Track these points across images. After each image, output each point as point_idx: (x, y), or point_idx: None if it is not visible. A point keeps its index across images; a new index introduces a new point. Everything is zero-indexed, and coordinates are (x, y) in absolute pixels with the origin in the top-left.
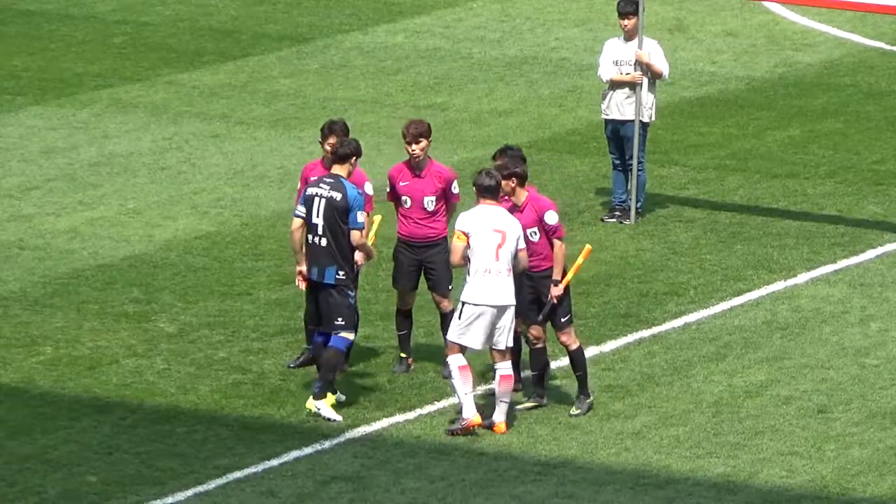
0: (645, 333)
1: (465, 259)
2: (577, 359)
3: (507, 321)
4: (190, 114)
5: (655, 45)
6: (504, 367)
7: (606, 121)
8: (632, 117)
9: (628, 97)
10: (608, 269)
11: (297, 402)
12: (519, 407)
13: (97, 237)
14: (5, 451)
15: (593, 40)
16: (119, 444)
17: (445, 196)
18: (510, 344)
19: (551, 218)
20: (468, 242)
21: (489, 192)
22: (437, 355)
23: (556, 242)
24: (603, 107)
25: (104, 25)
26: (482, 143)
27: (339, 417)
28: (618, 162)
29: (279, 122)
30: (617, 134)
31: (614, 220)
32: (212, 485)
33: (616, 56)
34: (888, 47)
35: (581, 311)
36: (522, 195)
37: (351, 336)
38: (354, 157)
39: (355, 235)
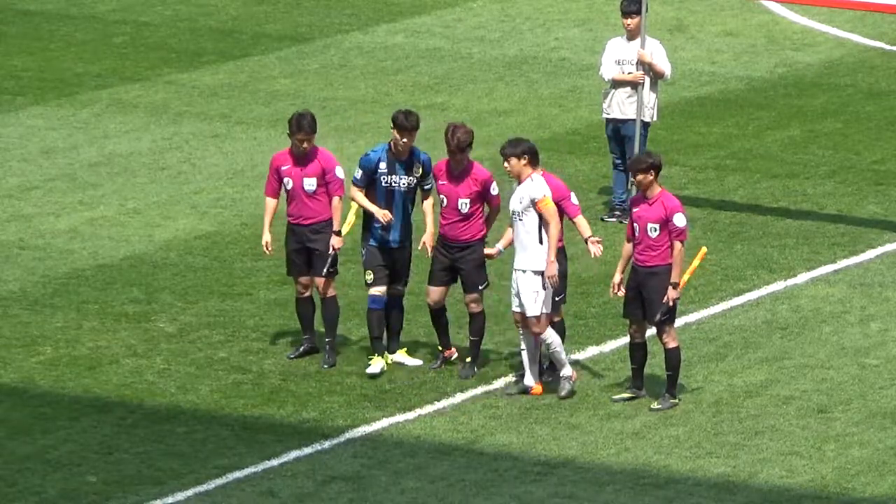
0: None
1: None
2: (670, 358)
3: None
4: (190, 114)
5: (658, 45)
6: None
7: (607, 120)
8: (633, 116)
9: (630, 96)
10: (608, 268)
11: (297, 402)
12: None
13: (97, 237)
14: (5, 451)
15: (593, 40)
16: (119, 444)
17: (484, 198)
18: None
19: (680, 220)
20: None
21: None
22: (436, 355)
23: (678, 245)
24: (604, 106)
25: (104, 25)
26: (482, 143)
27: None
28: (618, 161)
29: (279, 122)
30: (618, 133)
31: (614, 219)
32: (212, 485)
33: (618, 55)
34: (888, 47)
35: (581, 310)
36: (656, 189)
37: None
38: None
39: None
